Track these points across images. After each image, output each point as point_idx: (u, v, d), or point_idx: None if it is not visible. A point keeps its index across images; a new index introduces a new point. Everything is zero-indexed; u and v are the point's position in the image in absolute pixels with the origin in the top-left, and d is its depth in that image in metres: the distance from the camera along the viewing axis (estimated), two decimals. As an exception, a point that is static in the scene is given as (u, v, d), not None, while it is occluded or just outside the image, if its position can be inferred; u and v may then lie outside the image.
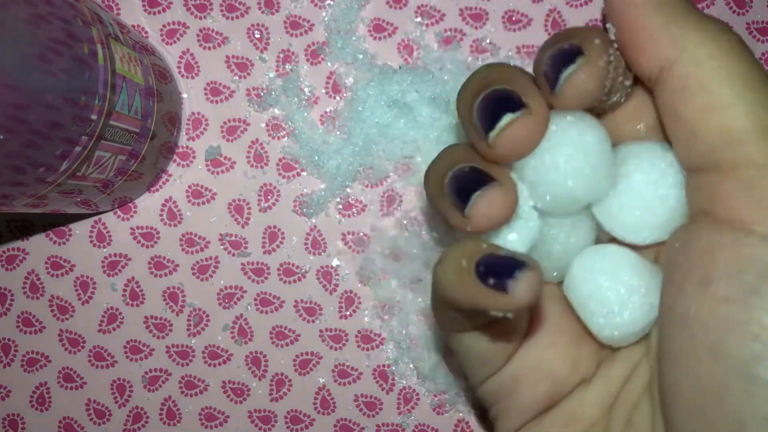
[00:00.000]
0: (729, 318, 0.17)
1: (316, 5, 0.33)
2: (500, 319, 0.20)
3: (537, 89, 0.19)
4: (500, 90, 0.19)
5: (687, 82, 0.18)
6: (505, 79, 0.19)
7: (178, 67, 0.33)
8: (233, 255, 0.34)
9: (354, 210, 0.33)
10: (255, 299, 0.34)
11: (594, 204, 0.21)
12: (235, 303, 0.34)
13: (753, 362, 0.16)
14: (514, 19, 0.33)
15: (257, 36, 0.33)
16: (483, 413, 0.34)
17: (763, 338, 0.16)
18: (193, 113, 0.34)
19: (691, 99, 0.18)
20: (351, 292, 0.34)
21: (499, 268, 0.17)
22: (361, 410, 0.34)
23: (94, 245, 0.34)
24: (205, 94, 0.33)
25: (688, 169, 0.19)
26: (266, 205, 0.34)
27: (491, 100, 0.19)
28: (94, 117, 0.24)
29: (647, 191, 0.20)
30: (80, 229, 0.34)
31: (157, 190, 0.34)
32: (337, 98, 0.33)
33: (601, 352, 0.22)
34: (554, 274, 0.22)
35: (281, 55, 0.33)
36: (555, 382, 0.22)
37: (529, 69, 0.21)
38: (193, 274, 0.34)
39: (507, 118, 0.18)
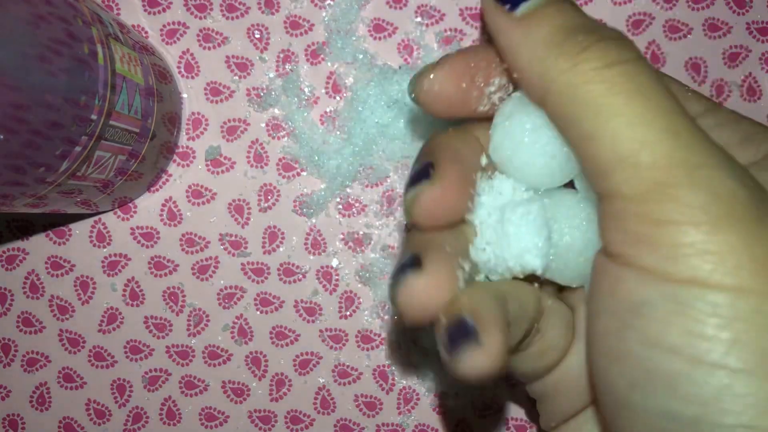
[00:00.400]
0: (611, 350, 0.17)
1: (316, 5, 0.33)
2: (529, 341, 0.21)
3: (452, 158, 0.19)
4: (420, 163, 0.19)
5: (562, 111, 0.18)
6: (431, 151, 0.20)
7: (178, 67, 0.33)
8: (233, 255, 0.34)
9: (354, 210, 0.33)
10: (255, 299, 0.34)
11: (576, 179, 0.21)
12: (235, 303, 0.34)
13: (631, 392, 0.17)
14: (514, 19, 0.33)
15: (257, 36, 0.33)
16: (483, 413, 0.34)
17: (638, 369, 0.16)
18: (193, 113, 0.34)
19: (566, 130, 0.18)
20: (351, 292, 0.34)
21: (454, 334, 0.18)
22: (361, 410, 0.34)
23: (94, 245, 0.34)
24: (205, 94, 0.33)
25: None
26: (266, 205, 0.34)
27: (412, 172, 0.20)
28: (94, 117, 0.24)
29: (523, 138, 0.20)
30: (80, 229, 0.34)
31: (157, 190, 0.34)
32: (337, 98, 0.33)
33: None
34: (576, 280, 0.22)
35: (281, 55, 0.33)
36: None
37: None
38: (193, 274, 0.34)
39: (412, 190, 0.19)
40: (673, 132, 0.16)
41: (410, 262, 0.18)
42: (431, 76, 0.20)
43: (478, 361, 0.17)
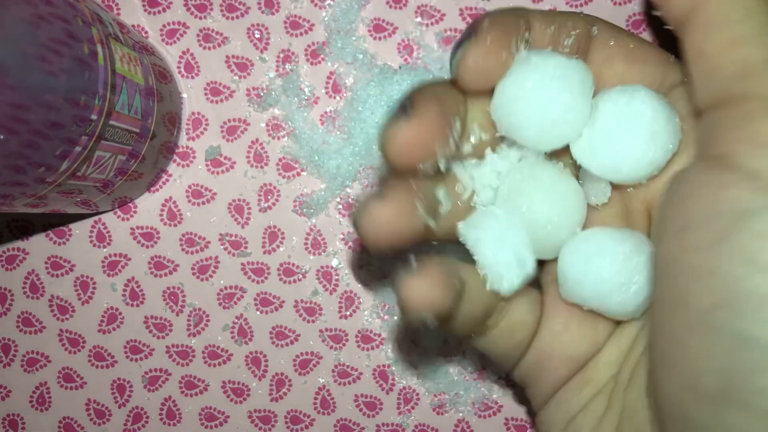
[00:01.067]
0: (696, 267, 0.16)
1: (316, 5, 0.33)
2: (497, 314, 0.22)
3: (432, 98, 0.20)
4: (398, 102, 0.20)
5: (712, 19, 0.17)
6: (411, 92, 0.20)
7: (178, 67, 0.33)
8: (233, 255, 0.34)
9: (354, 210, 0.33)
10: (255, 299, 0.34)
11: (572, 144, 0.21)
12: (235, 303, 0.34)
13: (714, 312, 0.15)
14: (514, 19, 0.33)
15: (257, 36, 0.33)
16: (483, 413, 0.34)
17: (726, 288, 0.15)
18: (193, 113, 0.34)
19: (714, 35, 0.17)
20: (351, 292, 0.34)
21: None
22: (361, 410, 0.34)
23: (94, 245, 0.34)
24: (205, 94, 0.33)
25: (702, 110, 0.18)
26: (266, 205, 0.34)
27: (390, 111, 0.20)
28: (94, 117, 0.24)
29: (619, 128, 0.20)
30: (80, 229, 0.34)
31: (157, 190, 0.34)
32: (337, 98, 0.33)
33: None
34: (550, 253, 0.22)
35: (281, 55, 0.33)
36: (575, 361, 0.22)
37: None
38: (193, 274, 0.34)
39: (388, 126, 0.19)
40: None
41: (374, 194, 0.20)
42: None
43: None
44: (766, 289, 0.15)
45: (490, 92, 0.21)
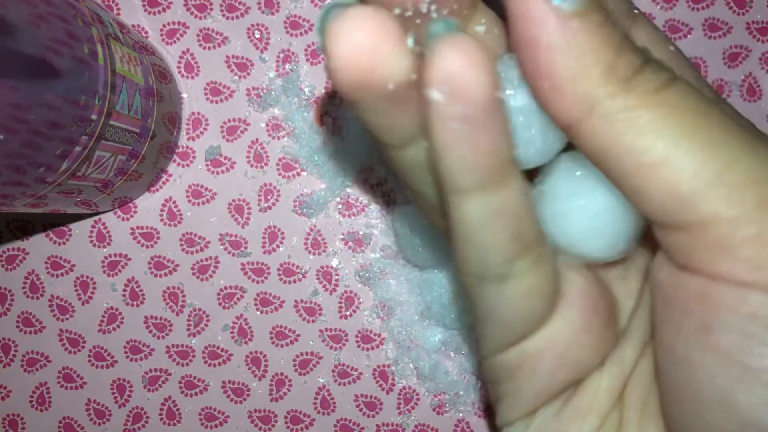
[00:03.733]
0: (737, 366, 0.15)
1: (316, 5, 0.33)
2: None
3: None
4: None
5: (607, 140, 0.15)
6: None
7: (178, 67, 0.33)
8: (233, 255, 0.34)
9: (354, 210, 0.33)
10: (255, 299, 0.34)
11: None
12: (235, 303, 0.34)
13: (764, 410, 0.15)
14: (514, 19, 0.33)
15: (257, 36, 0.33)
16: (483, 413, 0.34)
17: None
18: (193, 113, 0.34)
19: (618, 159, 0.15)
20: (351, 292, 0.34)
21: None
22: (361, 410, 0.34)
23: (94, 245, 0.34)
24: (205, 94, 0.33)
25: (648, 220, 0.16)
26: (266, 205, 0.34)
27: None
28: (94, 117, 0.24)
29: (567, 202, 0.18)
30: (80, 229, 0.34)
31: (157, 190, 0.34)
32: (337, 98, 0.33)
33: (618, 330, 0.20)
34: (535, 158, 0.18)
35: (281, 55, 0.33)
36: (578, 370, 0.19)
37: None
38: (193, 274, 0.34)
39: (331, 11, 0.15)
40: (751, 147, 0.15)
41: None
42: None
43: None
44: None
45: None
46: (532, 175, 0.18)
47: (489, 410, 0.34)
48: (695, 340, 0.16)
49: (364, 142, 0.33)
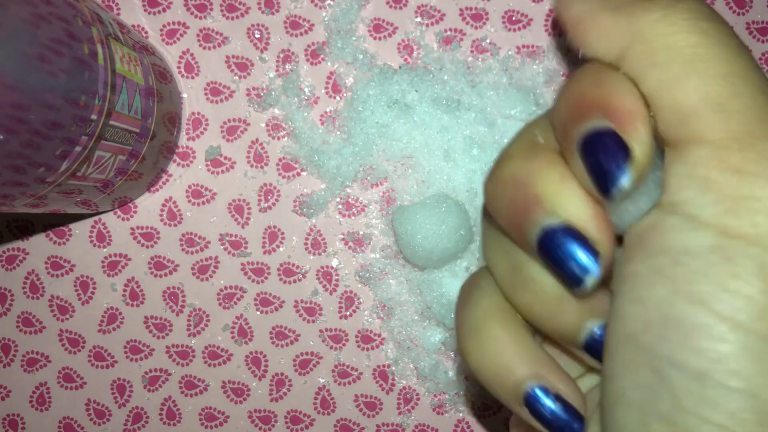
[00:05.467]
0: (635, 292, 0.17)
1: (316, 5, 0.33)
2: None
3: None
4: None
5: (641, 63, 0.17)
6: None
7: (178, 67, 0.33)
8: (233, 255, 0.34)
9: (354, 210, 0.33)
10: (255, 299, 0.34)
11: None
12: (235, 303, 0.34)
13: (645, 333, 0.16)
14: (514, 19, 0.33)
15: (257, 36, 0.33)
16: (483, 413, 0.34)
17: (658, 312, 0.16)
18: (193, 113, 0.34)
19: (646, 78, 0.17)
20: (351, 292, 0.34)
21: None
22: (361, 410, 0.34)
23: (94, 245, 0.34)
24: (205, 94, 0.33)
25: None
26: (266, 205, 0.34)
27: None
28: (94, 117, 0.24)
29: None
30: (80, 229, 0.34)
31: (157, 190, 0.34)
32: (337, 98, 0.33)
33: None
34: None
35: (281, 55, 0.33)
36: None
37: (528, 71, 0.21)
38: (193, 274, 0.34)
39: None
40: (763, 90, 0.16)
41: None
42: None
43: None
44: (697, 319, 0.16)
45: None
46: None
47: (489, 410, 0.34)
48: (621, 270, 0.17)
49: (364, 142, 0.33)
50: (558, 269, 0.17)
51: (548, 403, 0.19)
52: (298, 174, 0.34)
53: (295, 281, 0.34)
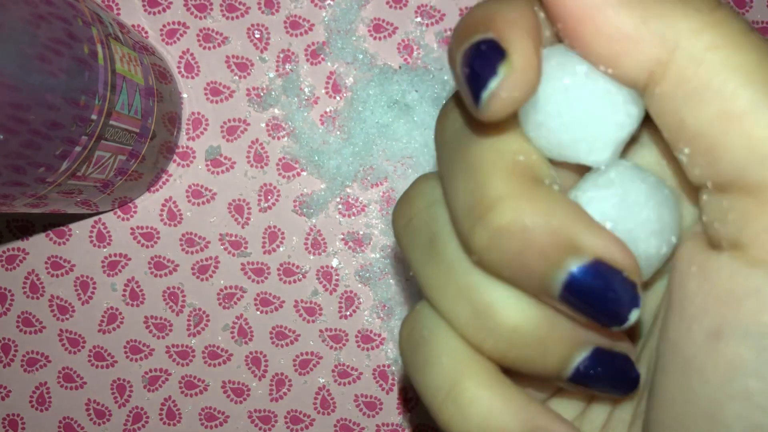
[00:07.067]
0: (734, 382, 0.14)
1: (316, 5, 0.33)
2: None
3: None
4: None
5: (690, 85, 0.14)
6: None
7: (178, 67, 0.33)
8: (233, 255, 0.34)
9: (354, 210, 0.34)
10: (255, 299, 0.34)
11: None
12: (235, 303, 0.34)
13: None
14: (514, 19, 0.33)
15: (257, 36, 0.33)
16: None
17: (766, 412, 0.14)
18: (193, 113, 0.34)
19: (701, 106, 0.14)
20: (351, 292, 0.34)
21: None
22: (361, 410, 0.34)
23: (94, 245, 0.34)
24: (205, 94, 0.33)
25: (706, 186, 0.15)
26: (266, 205, 0.34)
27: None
28: (94, 117, 0.24)
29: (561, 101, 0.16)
30: (80, 229, 0.34)
31: (157, 190, 0.34)
32: (337, 98, 0.33)
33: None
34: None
35: (281, 55, 0.33)
36: None
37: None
38: (193, 274, 0.34)
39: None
40: None
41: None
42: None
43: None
44: None
45: None
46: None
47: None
48: (702, 344, 0.15)
49: (364, 142, 0.33)
50: (595, 310, 0.15)
51: None
52: (298, 174, 0.34)
53: (295, 281, 0.34)
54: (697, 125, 0.14)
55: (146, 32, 0.33)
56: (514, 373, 0.17)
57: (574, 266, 0.15)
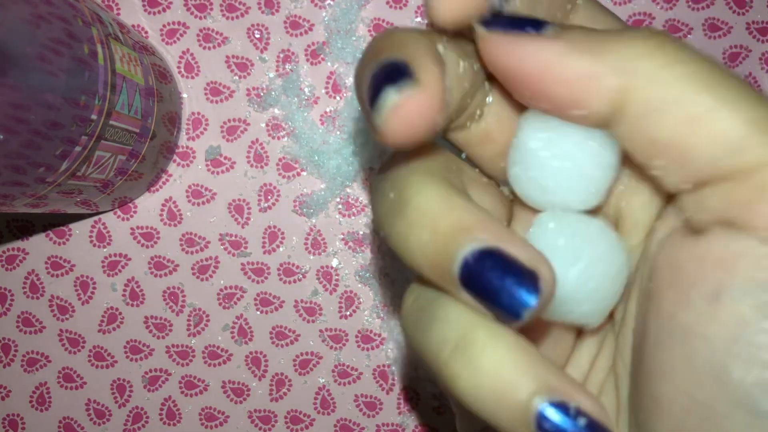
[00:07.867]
0: (740, 339, 0.15)
1: (316, 5, 0.33)
2: None
3: (433, 55, 0.16)
4: (387, 61, 0.16)
5: (654, 103, 0.15)
6: (396, 45, 0.16)
7: (178, 67, 0.33)
8: (233, 255, 0.34)
9: (354, 210, 0.34)
10: (255, 299, 0.34)
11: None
12: (235, 303, 0.34)
13: (761, 393, 0.15)
14: (514, 19, 0.33)
15: (257, 36, 0.33)
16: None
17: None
18: (193, 113, 0.34)
19: (667, 117, 0.15)
20: (351, 292, 0.34)
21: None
22: (361, 410, 0.34)
23: (94, 245, 0.34)
24: (205, 94, 0.33)
25: (687, 189, 0.16)
26: (266, 205, 0.34)
27: (377, 75, 0.16)
28: (94, 117, 0.24)
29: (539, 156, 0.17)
30: (80, 229, 0.34)
31: (157, 190, 0.34)
32: (337, 98, 0.33)
33: (575, 334, 0.20)
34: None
35: (281, 55, 0.33)
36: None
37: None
38: (193, 274, 0.34)
39: (391, 95, 0.15)
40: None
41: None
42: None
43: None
44: None
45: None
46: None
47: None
48: (702, 309, 0.15)
49: (364, 142, 0.33)
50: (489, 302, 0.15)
51: (564, 421, 0.15)
52: (298, 174, 0.34)
53: (295, 281, 0.34)
54: (667, 136, 0.15)
55: (146, 32, 0.33)
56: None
57: (469, 251, 0.15)
